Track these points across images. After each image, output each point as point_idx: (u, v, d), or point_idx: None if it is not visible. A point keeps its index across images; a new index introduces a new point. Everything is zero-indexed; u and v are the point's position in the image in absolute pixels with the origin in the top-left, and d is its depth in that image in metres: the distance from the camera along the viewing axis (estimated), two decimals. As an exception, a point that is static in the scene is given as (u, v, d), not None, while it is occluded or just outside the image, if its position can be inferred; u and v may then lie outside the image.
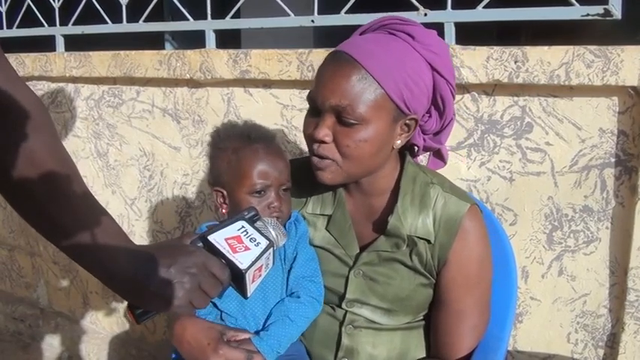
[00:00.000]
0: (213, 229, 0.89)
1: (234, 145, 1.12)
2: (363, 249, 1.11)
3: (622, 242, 1.31)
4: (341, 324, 1.11)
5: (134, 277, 0.77)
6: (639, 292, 1.28)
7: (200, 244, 0.87)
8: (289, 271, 1.12)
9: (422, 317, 1.15)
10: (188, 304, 0.79)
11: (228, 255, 0.85)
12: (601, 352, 1.37)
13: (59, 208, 0.74)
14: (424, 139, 1.12)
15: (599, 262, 1.35)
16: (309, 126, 1.04)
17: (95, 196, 0.81)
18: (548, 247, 1.39)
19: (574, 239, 1.37)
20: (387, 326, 1.11)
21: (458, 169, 1.46)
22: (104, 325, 2.35)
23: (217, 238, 0.87)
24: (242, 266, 0.85)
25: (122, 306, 2.27)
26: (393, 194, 1.10)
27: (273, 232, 0.99)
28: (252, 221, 0.94)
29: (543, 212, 1.39)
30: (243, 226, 0.91)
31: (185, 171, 1.97)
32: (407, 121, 1.03)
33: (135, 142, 2.08)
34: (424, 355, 1.14)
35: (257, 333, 1.07)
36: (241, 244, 0.88)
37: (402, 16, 1.05)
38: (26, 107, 0.71)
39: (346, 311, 1.11)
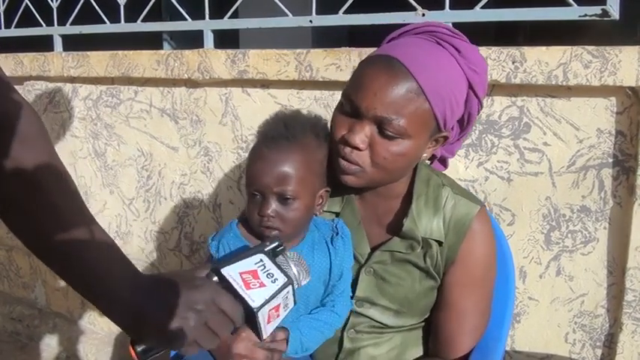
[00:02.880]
0: (229, 261, 0.83)
1: (255, 140, 1.07)
2: (374, 249, 1.09)
3: (620, 242, 1.31)
4: (343, 328, 1.10)
5: (135, 311, 0.72)
6: (637, 292, 1.29)
7: (215, 278, 0.81)
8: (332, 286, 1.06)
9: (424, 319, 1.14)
10: (193, 342, 0.74)
11: (240, 291, 0.79)
12: (599, 352, 1.38)
13: (54, 225, 0.70)
14: (440, 151, 1.11)
15: (596, 262, 1.35)
16: (342, 126, 0.98)
17: (93, 196, 0.79)
18: (546, 247, 1.39)
19: (572, 239, 1.37)
20: (392, 329, 1.11)
21: (456, 169, 1.46)
22: (102, 325, 2.34)
23: (231, 272, 0.81)
24: (253, 304, 0.78)
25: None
26: (406, 196, 1.08)
27: (294, 269, 0.89)
28: (273, 254, 0.87)
29: (541, 212, 1.39)
30: (261, 260, 0.84)
31: (183, 171, 1.96)
32: (438, 137, 1.01)
33: (133, 142, 2.08)
34: (421, 353, 1.14)
35: None
36: (257, 279, 0.81)
37: (449, 26, 1.02)
38: (18, 119, 0.68)
39: (350, 314, 1.10)
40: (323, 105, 1.62)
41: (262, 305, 0.79)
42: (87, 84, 2.16)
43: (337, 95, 1.59)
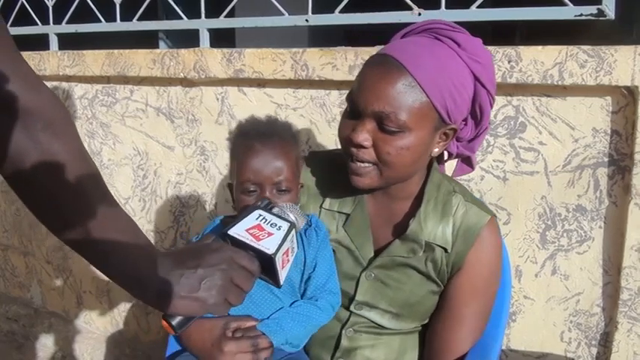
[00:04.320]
0: (230, 224, 0.87)
1: (238, 141, 1.09)
2: (377, 252, 1.09)
3: (615, 241, 1.31)
4: (343, 326, 1.10)
5: (164, 285, 0.75)
6: (632, 291, 1.29)
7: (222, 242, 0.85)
8: (308, 279, 1.08)
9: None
10: (224, 301, 0.78)
11: (253, 244, 0.84)
12: (594, 350, 1.38)
13: (85, 212, 0.72)
14: (457, 147, 1.10)
15: (592, 261, 1.35)
16: (346, 128, 1.00)
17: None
18: (542, 246, 1.40)
19: (567, 238, 1.37)
20: (391, 331, 1.11)
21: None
22: (98, 324, 2.34)
23: (238, 231, 0.86)
24: (270, 251, 0.83)
25: (117, 307, 2.26)
26: (417, 199, 1.08)
27: (291, 215, 0.98)
28: (268, 209, 0.93)
29: (537, 211, 1.39)
30: (260, 215, 0.90)
31: (179, 170, 1.96)
32: (446, 130, 1.01)
33: (128, 141, 2.07)
34: (416, 357, 1.14)
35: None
36: (263, 231, 0.86)
37: (449, 22, 1.02)
38: (47, 109, 0.70)
39: (350, 313, 1.10)
40: (319, 104, 1.62)
41: (277, 250, 0.84)
42: (82, 83, 2.15)
43: (333, 94, 1.59)
